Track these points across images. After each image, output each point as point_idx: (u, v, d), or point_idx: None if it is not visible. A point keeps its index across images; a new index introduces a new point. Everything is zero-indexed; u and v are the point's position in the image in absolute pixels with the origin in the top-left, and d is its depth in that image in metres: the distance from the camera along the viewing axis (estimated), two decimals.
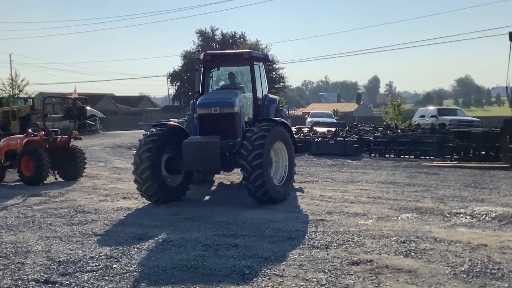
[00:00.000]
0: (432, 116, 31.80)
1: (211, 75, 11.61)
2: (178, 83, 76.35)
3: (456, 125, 26.37)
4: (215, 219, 8.21)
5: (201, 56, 11.08)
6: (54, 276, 5.47)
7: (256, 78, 10.93)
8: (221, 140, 9.28)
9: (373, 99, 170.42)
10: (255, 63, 11.05)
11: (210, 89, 11.50)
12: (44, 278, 5.40)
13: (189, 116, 11.89)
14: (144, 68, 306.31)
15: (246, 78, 11.78)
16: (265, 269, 5.48)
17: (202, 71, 11.13)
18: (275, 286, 5.01)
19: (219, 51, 12.22)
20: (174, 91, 78.86)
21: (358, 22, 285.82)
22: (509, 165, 14.33)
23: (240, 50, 11.67)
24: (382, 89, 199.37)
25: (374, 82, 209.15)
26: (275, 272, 5.39)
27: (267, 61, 12.32)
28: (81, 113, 34.11)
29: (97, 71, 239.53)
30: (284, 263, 5.71)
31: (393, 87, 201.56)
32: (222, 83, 12.06)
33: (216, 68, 11.47)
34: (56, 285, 5.18)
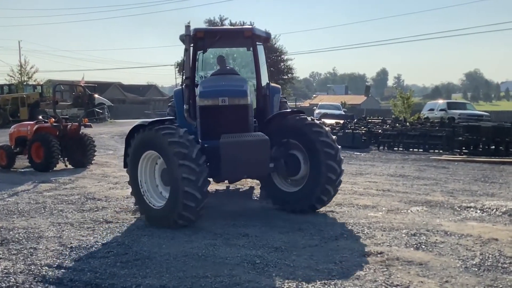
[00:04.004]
0: (441, 110, 31.70)
1: (197, 57, 9.47)
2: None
3: (466, 119, 26.24)
4: (225, 209, 8.24)
5: (191, 32, 8.59)
6: (66, 261, 5.52)
7: (260, 61, 9.15)
8: None
9: (381, 91, 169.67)
10: (257, 43, 9.25)
11: (200, 75, 9.63)
12: (57, 263, 5.46)
13: (172, 108, 9.48)
14: (152, 57, 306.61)
15: (239, 62, 9.92)
16: (276, 259, 5.51)
17: (192, 52, 8.80)
18: (286, 275, 5.03)
19: (213, 27, 9.61)
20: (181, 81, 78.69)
21: (367, 14, 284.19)
22: None
23: (240, 27, 9.55)
24: (390, 82, 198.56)
25: (382, 74, 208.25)
26: (286, 262, 5.41)
27: (268, 41, 10.20)
28: (89, 101, 34.46)
29: (105, 59, 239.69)
30: (295, 253, 5.73)
31: (402, 80, 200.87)
32: (209, 68, 9.90)
33: (202, 51, 9.33)
34: (69, 271, 5.22)
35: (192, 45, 8.66)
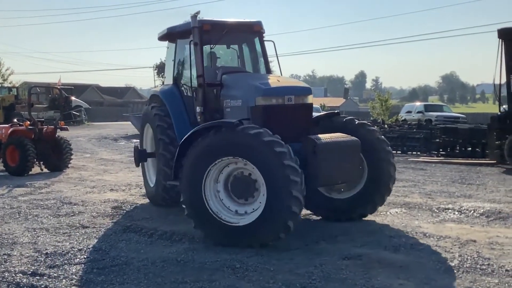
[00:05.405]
0: (418, 112, 32.15)
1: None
2: (164, 75, 75.66)
3: (442, 121, 26.62)
4: None
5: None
6: (41, 268, 5.39)
7: (259, 57, 8.63)
8: (292, 143, 6.32)
9: (359, 94, 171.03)
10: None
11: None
12: (31, 270, 5.32)
13: (159, 108, 8.49)
14: (131, 59, 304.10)
15: (219, 61, 8.84)
16: (256, 263, 5.45)
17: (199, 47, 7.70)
18: (266, 280, 4.98)
19: (220, 19, 8.30)
20: (161, 83, 78.22)
21: (345, 17, 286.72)
22: (495, 161, 14.48)
23: (248, 20, 8.68)
24: (368, 85, 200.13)
25: (361, 77, 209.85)
26: (266, 266, 5.36)
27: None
28: (66, 103, 33.97)
29: (82, 61, 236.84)
30: (276, 257, 5.68)
31: (380, 83, 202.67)
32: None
33: (210, 46, 8.20)
34: (44, 277, 5.09)
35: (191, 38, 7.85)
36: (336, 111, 8.33)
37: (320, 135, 6.67)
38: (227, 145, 6.13)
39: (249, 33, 8.66)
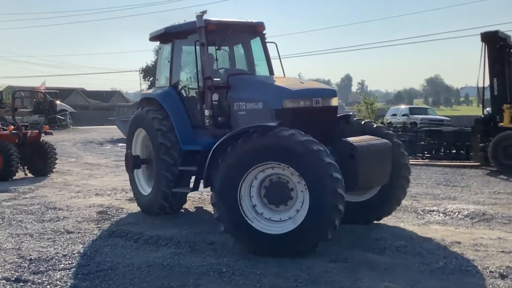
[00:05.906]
0: (403, 115, 32.39)
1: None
2: (151, 78, 75.34)
3: (427, 124, 26.81)
4: (191, 217, 8.14)
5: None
6: (25, 274, 5.33)
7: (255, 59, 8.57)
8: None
9: (345, 97, 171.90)
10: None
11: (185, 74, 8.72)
12: (15, 276, 5.26)
13: (155, 111, 8.09)
14: (116, 63, 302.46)
15: (214, 62, 8.43)
16: (243, 267, 5.45)
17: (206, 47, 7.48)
18: (253, 283, 4.98)
19: (225, 19, 8.04)
20: (147, 87, 77.84)
21: (331, 20, 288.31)
22: (479, 163, 14.62)
23: (251, 20, 8.42)
24: (354, 88, 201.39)
25: (347, 80, 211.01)
26: (253, 270, 5.35)
27: None
28: (51, 107, 33.58)
29: (67, 65, 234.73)
30: (262, 260, 5.67)
31: (365, 86, 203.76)
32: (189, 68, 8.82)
33: (216, 47, 8.11)
34: (28, 284, 5.04)
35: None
36: (350, 113, 8.25)
37: (352, 138, 6.48)
38: (272, 150, 5.84)
39: (252, 34, 8.49)
